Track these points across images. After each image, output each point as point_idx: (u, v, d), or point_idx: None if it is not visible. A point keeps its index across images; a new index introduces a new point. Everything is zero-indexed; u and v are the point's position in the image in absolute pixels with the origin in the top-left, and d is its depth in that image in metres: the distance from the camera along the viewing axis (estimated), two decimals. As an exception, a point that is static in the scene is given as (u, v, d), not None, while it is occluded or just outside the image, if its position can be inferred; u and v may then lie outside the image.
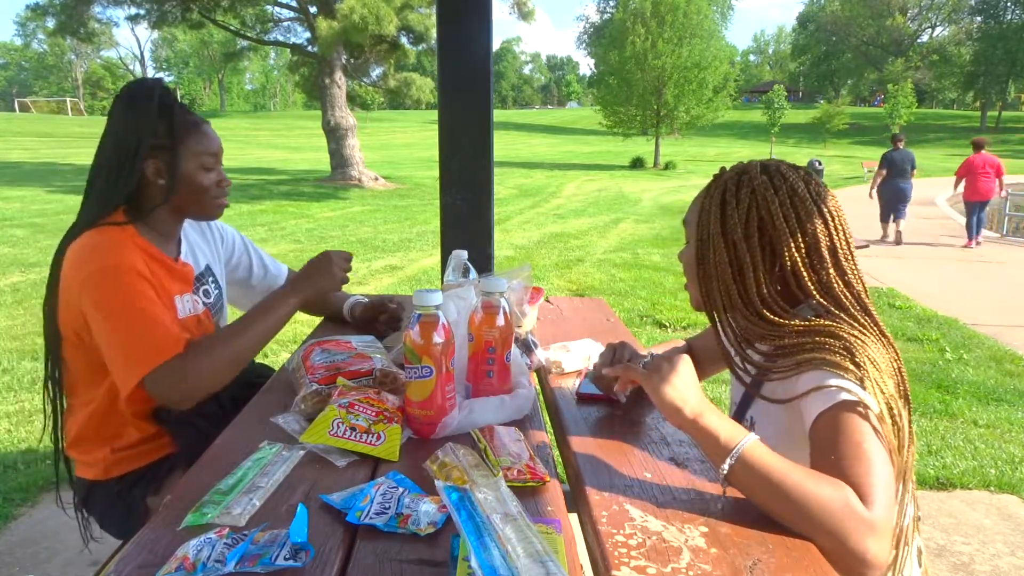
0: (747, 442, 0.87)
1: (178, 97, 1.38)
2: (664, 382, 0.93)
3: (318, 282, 1.42)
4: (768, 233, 1.03)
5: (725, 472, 0.87)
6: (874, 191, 9.70)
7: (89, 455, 1.37)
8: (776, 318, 1.01)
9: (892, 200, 9.40)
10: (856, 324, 0.98)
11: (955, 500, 2.75)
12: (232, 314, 1.52)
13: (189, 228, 1.53)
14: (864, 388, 0.90)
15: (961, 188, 9.58)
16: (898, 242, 9.31)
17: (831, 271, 1.02)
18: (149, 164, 1.33)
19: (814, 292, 1.02)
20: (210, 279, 1.53)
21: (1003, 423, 3.51)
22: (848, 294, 1.02)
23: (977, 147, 9.41)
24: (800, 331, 0.99)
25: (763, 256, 1.03)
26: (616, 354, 1.23)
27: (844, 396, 0.90)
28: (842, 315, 1.00)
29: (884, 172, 9.48)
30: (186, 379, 1.22)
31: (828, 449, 0.87)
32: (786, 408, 0.97)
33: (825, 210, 1.03)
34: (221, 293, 1.57)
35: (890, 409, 0.91)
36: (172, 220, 1.43)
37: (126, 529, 1.41)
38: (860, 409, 0.88)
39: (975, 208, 9.28)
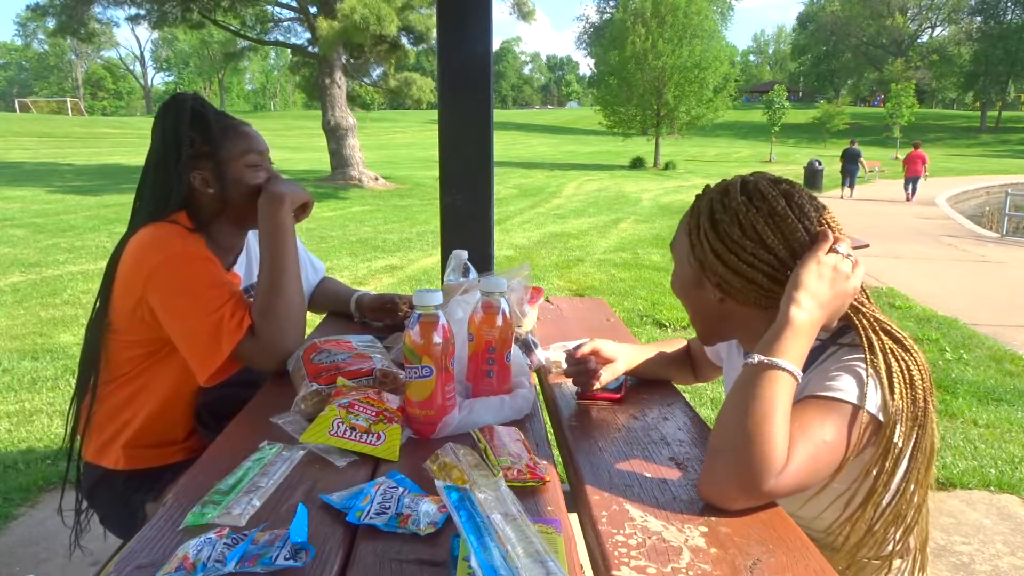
0: (786, 367, 0.89)
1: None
2: (834, 278, 0.95)
3: (288, 185, 1.39)
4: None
5: (753, 360, 0.91)
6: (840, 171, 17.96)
7: (107, 442, 1.38)
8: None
9: (846, 175, 17.43)
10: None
11: (955, 500, 2.75)
12: None
13: (252, 238, 1.54)
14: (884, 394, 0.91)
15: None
16: (842, 197, 16.79)
17: None
18: (196, 176, 1.34)
19: None
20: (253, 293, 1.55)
21: (1003, 423, 3.51)
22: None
23: (915, 146, 17.08)
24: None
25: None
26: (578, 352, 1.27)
27: (843, 396, 0.91)
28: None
29: (842, 160, 17.69)
30: (274, 337, 1.29)
31: (796, 416, 0.89)
32: None
33: (809, 224, 1.00)
34: None
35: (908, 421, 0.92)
36: (234, 231, 1.44)
37: (126, 528, 1.42)
38: (848, 410, 0.90)
39: (910, 180, 16.39)
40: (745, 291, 1.01)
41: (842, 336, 1.02)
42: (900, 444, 0.91)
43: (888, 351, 0.95)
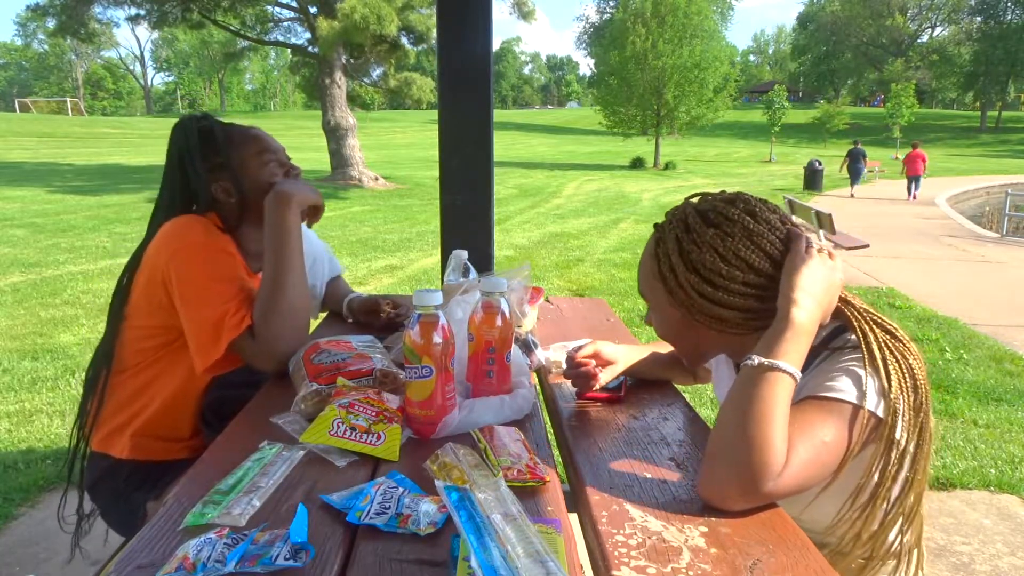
0: (786, 368, 0.88)
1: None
2: (824, 274, 0.95)
3: (298, 186, 1.39)
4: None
5: (753, 362, 0.90)
6: (843, 169, 18.49)
7: (116, 431, 1.39)
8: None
9: (852, 174, 17.89)
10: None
11: (955, 500, 2.75)
12: None
13: None
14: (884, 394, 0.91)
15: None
16: (851, 195, 17.27)
17: None
18: (216, 188, 1.37)
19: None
20: None
21: (1003, 423, 3.51)
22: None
23: (914, 146, 17.43)
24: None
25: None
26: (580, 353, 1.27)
27: (843, 397, 0.90)
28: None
29: (847, 160, 18.23)
30: (272, 338, 1.29)
31: (796, 416, 0.89)
32: None
33: (778, 231, 1.00)
34: None
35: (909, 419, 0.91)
36: (261, 236, 1.43)
37: (127, 526, 1.42)
38: (848, 410, 0.90)
39: (912, 180, 16.85)
40: (741, 322, 1.01)
41: (836, 338, 1.02)
42: (904, 439, 0.91)
43: (883, 342, 0.95)
